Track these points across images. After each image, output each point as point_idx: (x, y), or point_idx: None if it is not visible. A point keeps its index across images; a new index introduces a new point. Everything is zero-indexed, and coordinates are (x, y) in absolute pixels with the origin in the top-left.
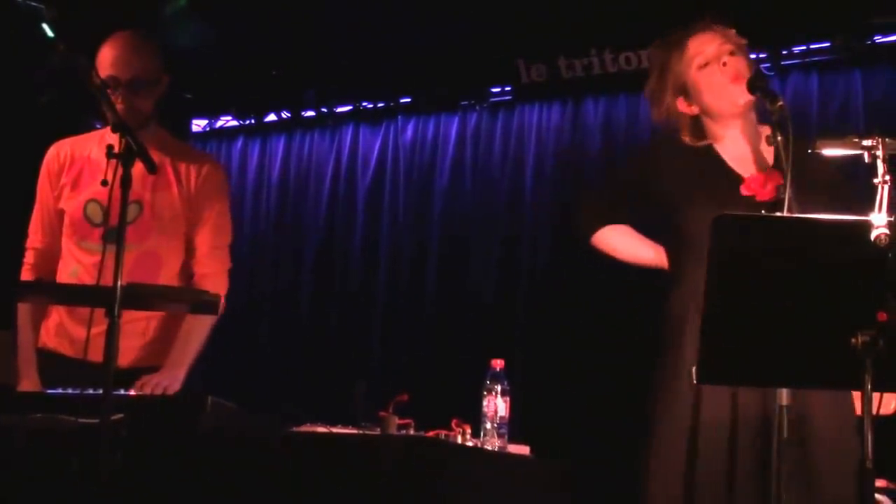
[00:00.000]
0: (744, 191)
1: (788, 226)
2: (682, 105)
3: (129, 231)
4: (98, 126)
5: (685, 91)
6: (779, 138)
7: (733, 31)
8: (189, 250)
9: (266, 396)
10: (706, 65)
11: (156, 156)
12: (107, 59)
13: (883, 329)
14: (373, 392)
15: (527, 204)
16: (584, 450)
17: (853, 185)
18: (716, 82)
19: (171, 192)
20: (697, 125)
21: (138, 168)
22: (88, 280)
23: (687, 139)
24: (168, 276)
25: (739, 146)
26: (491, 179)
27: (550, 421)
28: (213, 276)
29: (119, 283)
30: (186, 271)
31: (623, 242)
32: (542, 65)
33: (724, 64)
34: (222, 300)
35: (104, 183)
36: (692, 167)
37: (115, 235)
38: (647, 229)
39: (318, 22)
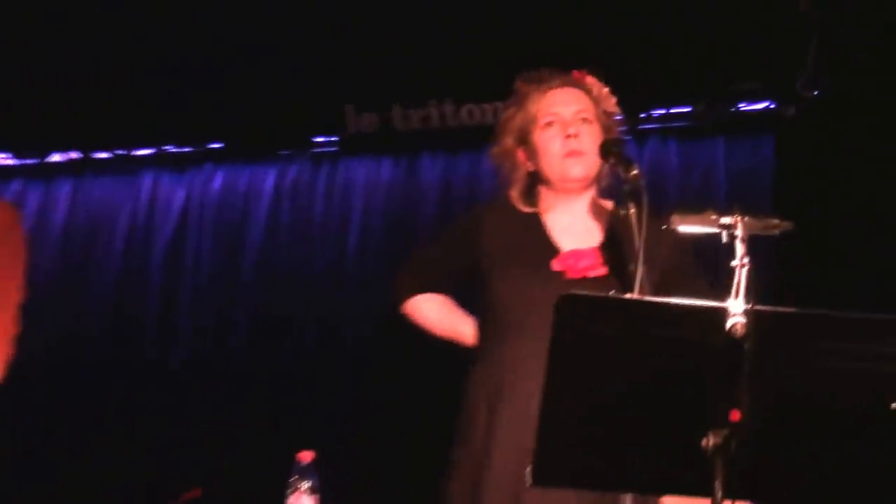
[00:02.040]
0: (555, 265)
1: (638, 310)
2: (521, 155)
3: None
4: None
5: (527, 143)
6: (631, 210)
7: (604, 91)
8: None
9: (35, 476)
10: (550, 125)
11: None
12: None
13: (736, 430)
14: (160, 483)
15: (349, 270)
16: None
17: (698, 267)
18: (552, 150)
19: None
20: (533, 185)
21: None
22: None
23: (517, 199)
24: None
25: (569, 218)
26: (310, 238)
27: None
28: None
29: None
30: None
31: (437, 314)
32: (373, 114)
33: (569, 135)
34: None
35: None
36: (513, 234)
37: None
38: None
39: (118, 52)
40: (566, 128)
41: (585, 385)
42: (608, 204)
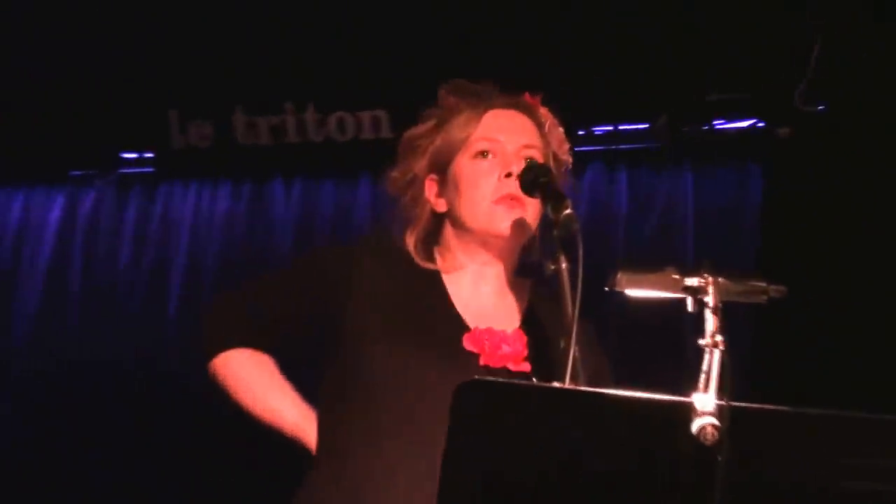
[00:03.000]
0: (467, 344)
1: (570, 403)
2: (430, 188)
3: None
4: None
5: (443, 172)
6: (562, 265)
7: (559, 130)
8: None
9: None
10: (484, 155)
11: None
12: None
13: None
14: None
15: (167, 333)
16: None
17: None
18: (480, 190)
19: None
20: (436, 231)
21: None
22: None
23: (414, 247)
24: None
25: (477, 287)
26: (112, 289)
27: None
28: None
29: None
30: None
31: (255, 382)
32: (206, 123)
33: (509, 174)
34: None
35: None
36: (404, 292)
37: None
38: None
39: None
40: (506, 164)
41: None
42: (526, 283)
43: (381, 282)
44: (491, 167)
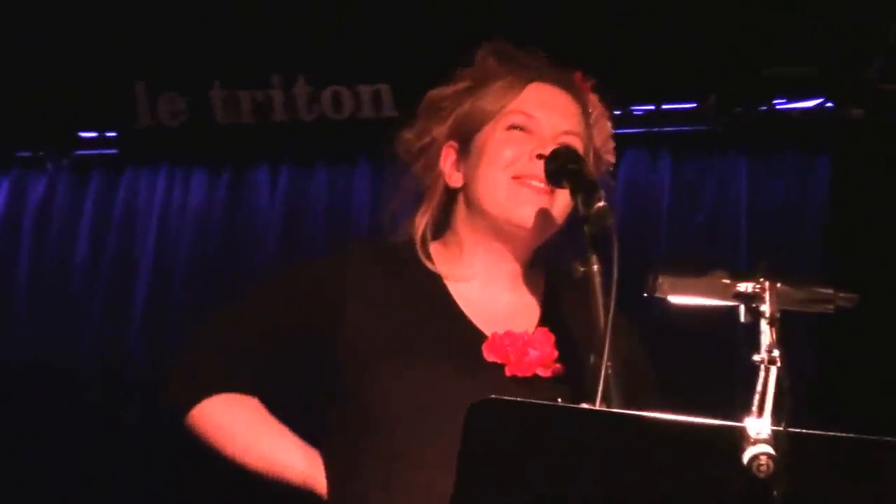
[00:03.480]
0: (487, 354)
1: (603, 426)
2: (446, 154)
3: None
4: None
5: (466, 141)
6: (593, 266)
7: (606, 120)
8: None
9: None
10: (518, 129)
11: None
12: None
13: None
14: None
15: (127, 345)
16: None
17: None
18: (503, 166)
19: None
20: (447, 214)
21: None
22: None
23: (421, 232)
24: None
25: (486, 286)
26: (66, 288)
27: None
28: None
29: None
30: None
31: (242, 428)
32: (178, 97)
33: (540, 156)
34: None
35: None
36: (408, 302)
37: None
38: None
39: None
40: (540, 143)
41: None
42: (540, 271)
43: (378, 293)
44: (520, 143)
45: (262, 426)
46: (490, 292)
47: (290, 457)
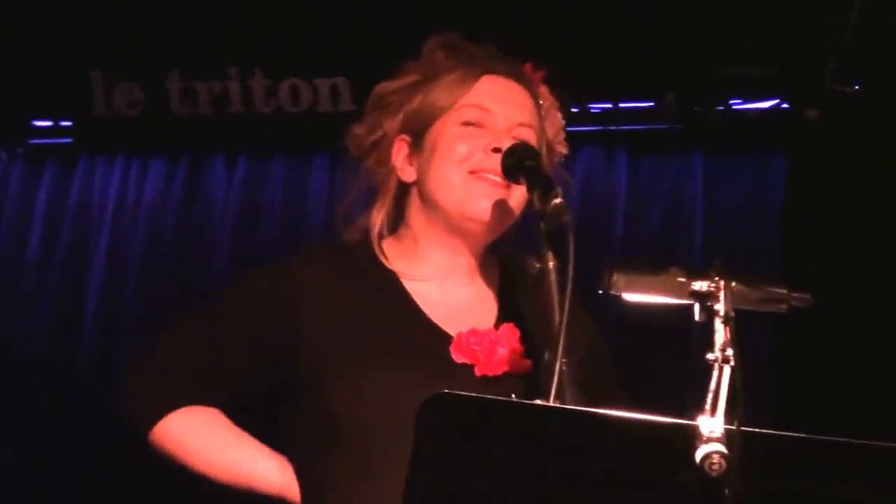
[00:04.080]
0: (456, 356)
1: (555, 423)
2: (398, 149)
3: None
4: None
5: (418, 136)
6: (549, 263)
7: (557, 113)
8: None
9: None
10: (472, 125)
11: None
12: None
13: None
14: None
15: (78, 356)
16: None
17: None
18: (457, 160)
19: None
20: (399, 211)
21: None
22: None
23: (378, 228)
24: None
25: (442, 283)
26: (18, 285)
27: None
28: None
29: None
30: None
31: (210, 441)
32: (135, 85)
33: (495, 150)
34: None
35: None
36: (368, 305)
37: None
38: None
39: None
40: (496, 137)
41: None
42: (494, 262)
43: (337, 304)
44: (474, 138)
45: (229, 438)
46: (447, 288)
47: (265, 467)
